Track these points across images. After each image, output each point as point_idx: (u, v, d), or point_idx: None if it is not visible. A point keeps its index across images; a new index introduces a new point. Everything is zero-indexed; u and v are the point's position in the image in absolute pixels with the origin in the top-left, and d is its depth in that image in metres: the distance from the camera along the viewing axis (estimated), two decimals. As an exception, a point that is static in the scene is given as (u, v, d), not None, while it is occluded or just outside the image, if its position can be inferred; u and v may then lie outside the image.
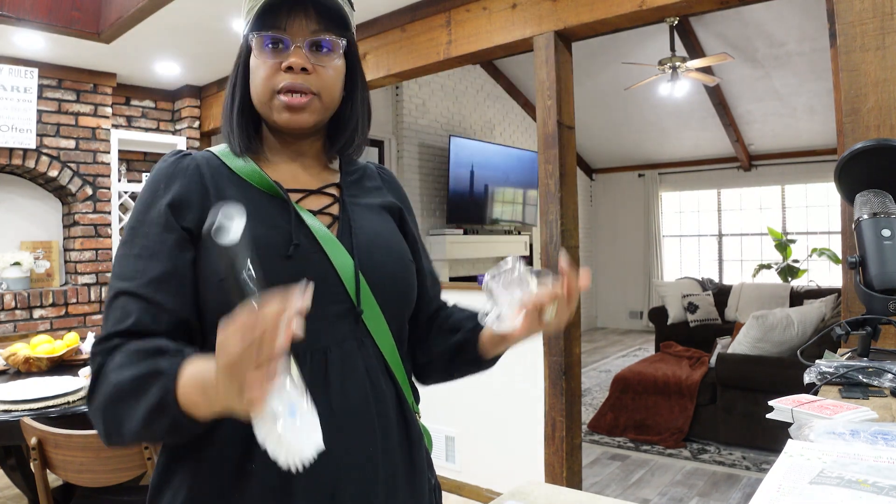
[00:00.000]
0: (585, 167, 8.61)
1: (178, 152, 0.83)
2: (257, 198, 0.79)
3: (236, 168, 0.81)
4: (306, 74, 0.79)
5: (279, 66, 0.78)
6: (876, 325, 1.06)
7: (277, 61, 0.79)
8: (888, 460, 0.62)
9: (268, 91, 0.79)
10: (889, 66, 1.55)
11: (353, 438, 0.73)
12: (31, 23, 2.97)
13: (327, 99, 0.82)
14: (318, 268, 0.77)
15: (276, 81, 0.79)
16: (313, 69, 0.79)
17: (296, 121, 0.80)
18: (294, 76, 0.78)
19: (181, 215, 0.75)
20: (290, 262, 0.75)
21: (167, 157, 0.82)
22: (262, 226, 0.76)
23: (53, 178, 3.69)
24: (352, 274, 0.78)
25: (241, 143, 0.82)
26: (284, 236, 0.76)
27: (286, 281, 0.70)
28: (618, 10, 2.30)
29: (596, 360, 6.43)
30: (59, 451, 1.56)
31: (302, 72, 0.78)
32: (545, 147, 2.52)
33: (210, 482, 0.71)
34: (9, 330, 3.48)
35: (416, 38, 2.96)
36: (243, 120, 0.83)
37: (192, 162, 0.81)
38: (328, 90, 0.82)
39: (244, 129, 0.83)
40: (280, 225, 0.78)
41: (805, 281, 6.67)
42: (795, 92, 5.92)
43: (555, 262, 2.51)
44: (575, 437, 2.56)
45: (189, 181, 0.78)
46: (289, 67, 0.78)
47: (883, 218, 1.05)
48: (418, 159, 5.64)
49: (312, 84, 0.80)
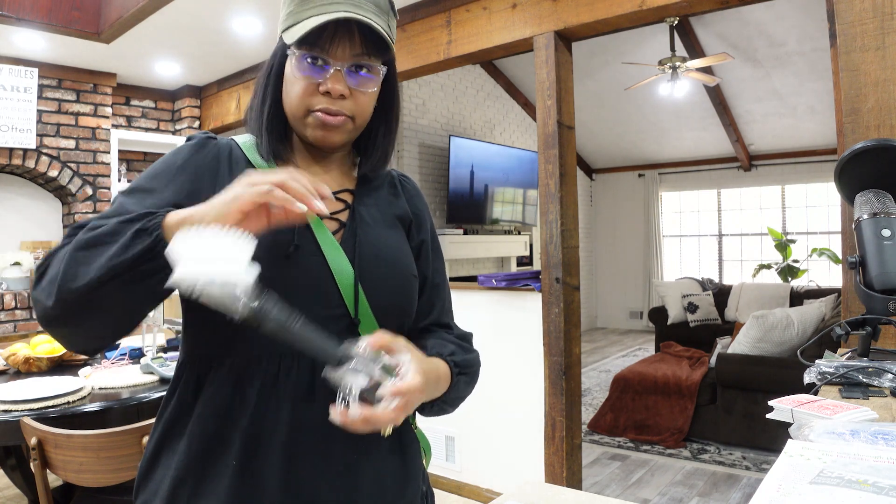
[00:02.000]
0: (585, 167, 8.61)
1: (206, 134, 0.85)
2: None
3: (256, 163, 0.82)
4: (343, 99, 0.79)
5: (317, 87, 0.78)
6: (876, 325, 1.06)
7: (316, 82, 0.78)
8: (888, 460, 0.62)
9: (303, 108, 0.79)
10: (889, 66, 1.55)
11: (335, 445, 0.74)
12: (31, 23, 2.97)
13: (360, 122, 0.83)
14: (315, 272, 0.77)
15: (312, 102, 0.78)
16: (350, 94, 0.79)
17: (328, 139, 0.81)
18: (331, 101, 0.78)
19: (189, 195, 0.76)
20: (287, 262, 0.75)
21: (195, 136, 0.84)
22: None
23: (53, 178, 3.69)
24: (350, 282, 0.78)
25: (269, 149, 0.83)
26: (287, 237, 0.76)
27: (282, 280, 0.73)
28: (618, 10, 2.30)
29: (596, 360, 6.43)
30: (59, 451, 1.56)
31: (339, 98, 0.78)
32: (545, 147, 2.52)
33: (193, 474, 0.73)
34: (9, 330, 3.48)
35: (416, 38, 2.96)
36: (273, 126, 0.83)
37: (214, 148, 0.83)
38: (362, 114, 0.82)
39: (273, 135, 0.83)
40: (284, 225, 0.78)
41: (805, 281, 6.67)
42: (795, 92, 5.92)
43: (555, 261, 2.51)
44: (575, 437, 2.56)
45: (204, 164, 0.80)
46: (327, 92, 0.78)
47: (883, 218, 1.05)
48: (418, 159, 5.64)
49: (347, 108, 0.79)
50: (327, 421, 0.67)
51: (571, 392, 2.53)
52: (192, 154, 0.81)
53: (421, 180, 5.66)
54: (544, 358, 2.56)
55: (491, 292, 2.98)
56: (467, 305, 3.04)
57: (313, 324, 0.69)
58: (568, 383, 2.51)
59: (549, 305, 2.55)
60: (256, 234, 0.65)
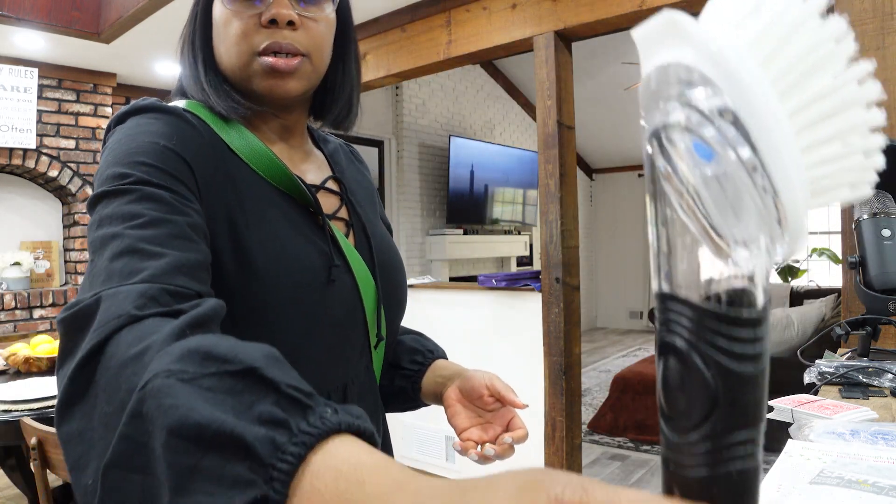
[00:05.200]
0: (585, 167, 8.61)
1: (158, 103, 0.62)
2: (277, 198, 0.63)
3: (243, 152, 0.63)
4: (293, 30, 0.62)
5: (258, 20, 0.61)
6: (876, 325, 1.06)
7: (255, 13, 0.61)
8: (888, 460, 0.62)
9: (245, 52, 0.62)
10: (889, 66, 1.55)
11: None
12: (31, 23, 2.97)
13: (318, 61, 0.65)
14: (350, 294, 0.64)
15: (255, 40, 0.61)
16: (301, 23, 0.62)
17: (282, 88, 0.63)
18: (278, 32, 0.61)
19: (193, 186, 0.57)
20: (329, 287, 0.61)
21: (156, 108, 0.60)
22: (297, 239, 0.61)
23: (53, 178, 3.69)
24: (373, 299, 0.67)
25: (227, 105, 0.63)
26: (320, 254, 0.62)
27: (323, 312, 0.61)
28: (618, 10, 2.30)
29: (596, 360, 6.42)
30: (58, 451, 1.56)
31: (288, 26, 0.61)
32: (545, 147, 2.52)
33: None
34: (9, 330, 3.48)
35: (416, 38, 2.96)
36: (217, 81, 0.64)
37: (198, 138, 0.60)
38: (319, 49, 0.65)
39: (222, 91, 0.64)
40: (311, 239, 0.63)
41: (805, 281, 6.67)
42: (795, 92, 5.93)
43: (555, 261, 2.51)
44: (575, 437, 2.56)
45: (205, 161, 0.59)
46: (271, 21, 0.61)
47: (883, 218, 1.05)
48: (418, 159, 5.64)
49: (301, 42, 0.62)
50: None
51: (571, 392, 2.53)
52: (180, 129, 0.59)
53: (421, 180, 5.66)
54: (544, 358, 2.56)
55: (491, 292, 2.98)
56: (467, 305, 3.04)
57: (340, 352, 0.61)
58: (568, 383, 2.51)
59: (549, 305, 2.55)
60: None
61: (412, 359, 0.79)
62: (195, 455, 0.28)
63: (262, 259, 0.57)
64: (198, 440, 0.28)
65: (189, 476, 0.27)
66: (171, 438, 0.29)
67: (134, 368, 0.35)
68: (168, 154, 0.55)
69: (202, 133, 0.60)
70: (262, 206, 0.61)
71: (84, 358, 0.38)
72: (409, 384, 0.78)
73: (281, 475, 0.25)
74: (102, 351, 0.38)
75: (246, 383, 0.30)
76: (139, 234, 0.47)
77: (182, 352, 0.34)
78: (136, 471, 0.31)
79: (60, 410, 0.38)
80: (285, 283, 0.58)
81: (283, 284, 0.58)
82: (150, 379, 0.32)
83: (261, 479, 0.26)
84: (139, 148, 0.54)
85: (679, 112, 0.20)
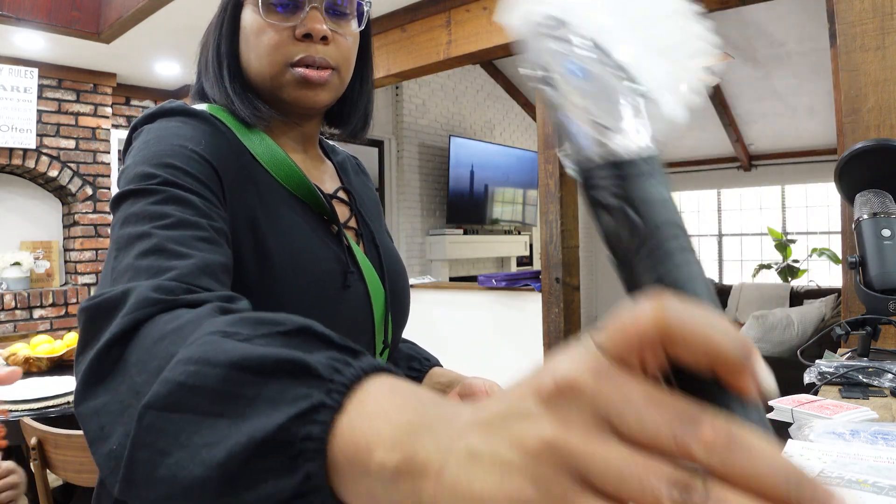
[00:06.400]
0: (585, 167, 8.61)
1: (193, 112, 0.62)
2: (295, 205, 0.65)
3: (263, 159, 0.64)
4: (325, 44, 0.64)
5: (292, 32, 0.63)
6: (876, 325, 1.06)
7: (290, 26, 0.63)
8: (888, 460, 0.62)
9: (278, 63, 0.64)
10: (889, 66, 1.55)
11: None
12: (31, 23, 2.97)
13: (345, 73, 0.68)
14: (362, 300, 0.66)
15: (289, 52, 0.63)
16: (332, 37, 0.65)
17: (312, 99, 0.65)
18: (311, 46, 0.64)
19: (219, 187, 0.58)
20: (345, 293, 0.63)
21: (185, 111, 0.61)
22: (315, 244, 0.63)
23: (53, 178, 3.69)
24: (381, 305, 0.68)
25: (249, 112, 0.65)
26: (336, 260, 0.64)
27: (337, 317, 0.62)
28: (618, 10, 2.30)
29: (596, 360, 6.42)
30: (59, 451, 1.56)
31: (321, 40, 0.64)
32: (545, 147, 2.52)
33: None
34: (9, 330, 3.48)
35: (416, 38, 2.96)
36: (241, 88, 0.67)
37: (224, 142, 0.62)
38: (347, 63, 0.68)
39: (245, 99, 0.66)
40: (328, 245, 0.65)
41: (805, 281, 6.66)
42: (795, 92, 5.92)
43: (555, 261, 2.51)
44: (575, 437, 2.56)
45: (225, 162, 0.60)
46: (306, 35, 0.63)
47: (883, 218, 1.05)
48: (418, 159, 5.64)
49: (331, 56, 0.65)
50: None
51: (571, 392, 2.53)
52: (205, 131, 0.60)
53: (421, 180, 5.66)
54: (544, 358, 2.56)
55: (491, 292, 2.98)
56: (467, 305, 3.04)
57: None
58: (568, 383, 2.51)
59: (549, 305, 2.55)
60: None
61: (409, 365, 0.80)
62: (257, 386, 0.28)
63: (282, 261, 0.59)
64: (260, 371, 0.28)
65: (248, 404, 0.27)
66: (231, 372, 0.29)
67: (173, 339, 0.34)
68: (195, 158, 0.56)
69: (227, 137, 0.62)
70: (282, 211, 0.62)
71: (113, 338, 0.37)
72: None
73: (338, 386, 0.26)
74: (136, 331, 0.37)
75: (301, 338, 0.31)
76: (167, 234, 0.47)
77: (230, 319, 0.34)
78: (178, 410, 0.30)
79: (82, 389, 0.36)
80: (304, 285, 0.60)
81: (301, 286, 0.60)
82: (198, 337, 0.32)
83: (318, 391, 0.26)
84: (168, 150, 0.55)
85: (555, 45, 0.27)
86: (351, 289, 0.64)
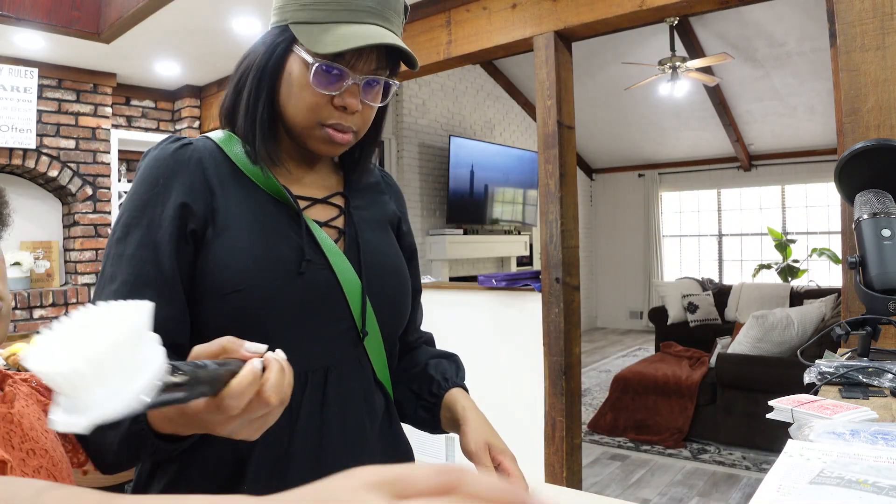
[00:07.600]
0: (585, 167, 8.61)
1: (177, 139, 0.76)
2: (264, 202, 0.75)
3: (242, 164, 0.76)
4: (352, 114, 0.75)
5: (330, 99, 0.73)
6: (876, 325, 1.05)
7: (330, 94, 0.72)
8: (888, 460, 0.62)
9: (312, 120, 0.74)
10: (889, 66, 1.55)
11: (348, 461, 0.72)
12: (31, 23, 2.97)
13: (362, 133, 0.79)
14: (326, 286, 0.74)
15: (324, 114, 0.73)
16: (361, 109, 0.75)
17: (330, 152, 0.78)
18: (344, 116, 0.74)
19: (187, 219, 0.71)
20: (300, 278, 0.72)
21: (165, 146, 0.75)
22: (273, 236, 0.73)
23: (53, 178, 3.69)
24: (358, 294, 0.76)
25: (265, 154, 0.76)
26: (295, 250, 0.73)
27: (295, 299, 0.71)
28: (618, 10, 2.30)
29: (596, 360, 6.42)
30: (59, 451, 1.56)
31: (353, 113, 0.75)
32: (545, 147, 2.52)
33: (200, 474, 0.71)
34: (9, 330, 3.48)
35: (416, 38, 2.96)
36: (268, 130, 0.76)
37: (195, 154, 0.74)
38: (366, 127, 0.79)
39: (268, 140, 0.76)
40: (290, 236, 0.74)
41: (805, 281, 6.66)
42: (795, 92, 5.92)
43: (555, 261, 2.51)
44: (575, 437, 2.56)
45: (193, 178, 0.72)
46: (342, 106, 0.73)
47: (883, 218, 1.05)
48: (418, 159, 5.64)
49: (356, 123, 0.76)
50: (319, 429, 0.69)
51: (571, 392, 2.53)
52: (173, 160, 0.73)
53: (421, 180, 5.66)
54: (544, 358, 2.56)
55: (491, 292, 2.98)
56: (467, 305, 3.04)
57: (321, 339, 0.71)
58: (568, 383, 2.51)
59: (549, 305, 2.55)
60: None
61: (430, 390, 0.87)
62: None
63: (241, 242, 0.71)
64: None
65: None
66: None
67: None
68: (164, 197, 0.71)
69: (203, 159, 0.74)
70: (243, 202, 0.74)
71: None
72: (430, 416, 0.87)
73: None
74: None
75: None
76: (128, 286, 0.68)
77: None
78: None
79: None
80: (257, 268, 0.70)
81: (255, 269, 0.70)
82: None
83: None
84: (144, 199, 0.71)
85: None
86: (307, 275, 0.72)
